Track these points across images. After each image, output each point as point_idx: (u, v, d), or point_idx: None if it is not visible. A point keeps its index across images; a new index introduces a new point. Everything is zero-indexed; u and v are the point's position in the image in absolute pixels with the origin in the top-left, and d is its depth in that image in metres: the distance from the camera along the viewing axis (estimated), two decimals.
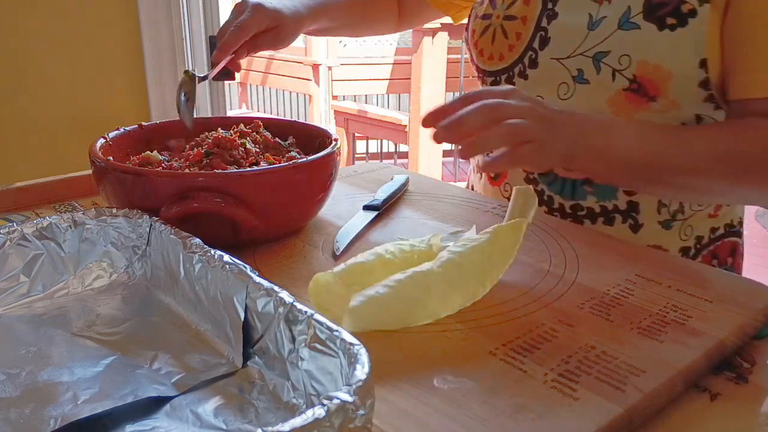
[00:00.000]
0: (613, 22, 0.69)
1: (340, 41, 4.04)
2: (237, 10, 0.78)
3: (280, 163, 0.67)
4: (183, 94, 0.72)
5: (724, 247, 0.80)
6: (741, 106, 0.67)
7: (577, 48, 0.72)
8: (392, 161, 4.11)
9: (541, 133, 0.58)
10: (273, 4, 0.79)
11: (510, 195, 0.86)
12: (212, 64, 0.76)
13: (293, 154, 0.71)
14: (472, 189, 0.94)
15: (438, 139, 0.58)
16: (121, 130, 0.72)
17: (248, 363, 0.45)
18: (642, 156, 0.64)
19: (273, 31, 0.79)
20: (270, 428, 0.30)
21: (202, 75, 0.75)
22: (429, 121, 0.60)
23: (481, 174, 0.90)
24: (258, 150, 0.70)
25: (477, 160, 0.92)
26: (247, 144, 0.69)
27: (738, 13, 0.64)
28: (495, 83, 0.80)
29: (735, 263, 0.82)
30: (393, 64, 3.97)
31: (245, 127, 0.74)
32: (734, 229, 0.81)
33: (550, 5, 0.75)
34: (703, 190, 0.69)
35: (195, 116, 0.75)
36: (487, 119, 0.57)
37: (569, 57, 0.73)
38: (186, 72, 0.73)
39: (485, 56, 0.81)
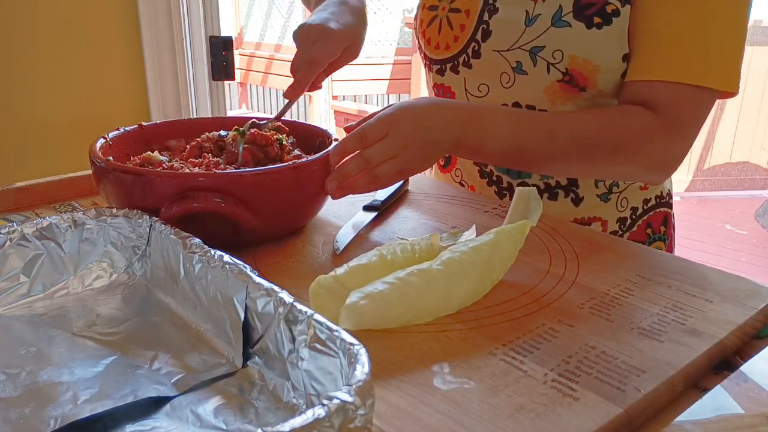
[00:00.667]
0: (547, 19, 0.74)
1: None
2: (304, 37, 0.76)
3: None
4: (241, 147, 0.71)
5: (656, 217, 0.87)
6: (629, 89, 0.73)
7: (516, 42, 0.77)
8: None
9: (403, 152, 0.65)
10: (338, 23, 0.78)
11: (461, 181, 0.91)
12: (288, 98, 0.76)
13: (297, 153, 0.71)
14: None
15: (334, 159, 0.65)
16: (121, 130, 0.72)
17: (248, 363, 0.45)
18: (511, 146, 0.71)
19: (346, 51, 0.79)
20: (270, 428, 0.30)
21: (264, 122, 0.74)
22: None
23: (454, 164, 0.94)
24: (292, 146, 0.72)
25: None
26: (282, 141, 0.70)
27: (641, 4, 0.70)
28: (441, 71, 0.86)
29: (668, 233, 0.90)
30: (393, 64, 3.97)
31: (240, 128, 0.74)
32: (664, 201, 0.88)
33: (491, 0, 0.79)
34: (565, 172, 0.78)
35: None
36: (357, 145, 0.65)
37: (509, 50, 0.77)
38: (237, 130, 0.71)
39: (432, 45, 0.86)
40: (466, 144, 0.69)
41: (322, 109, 3.91)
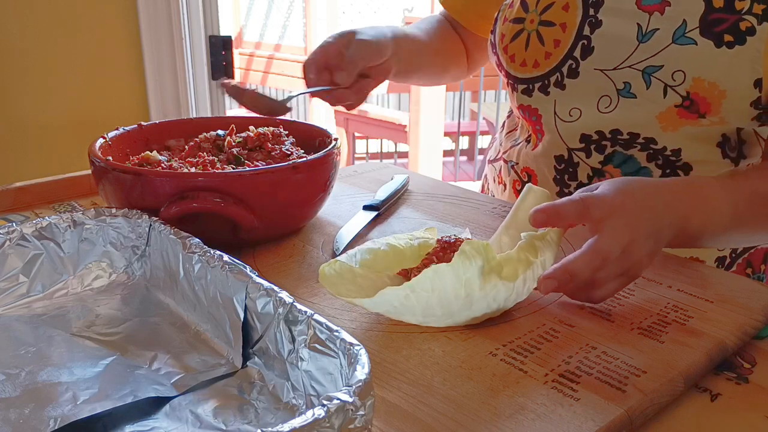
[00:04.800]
0: (667, 35, 0.65)
1: None
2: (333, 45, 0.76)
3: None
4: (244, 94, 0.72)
5: (757, 254, 0.80)
6: None
7: (626, 60, 0.68)
8: (392, 161, 4.11)
9: (633, 241, 0.52)
10: (372, 35, 0.76)
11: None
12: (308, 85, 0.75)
13: (300, 152, 0.71)
14: (487, 191, 0.94)
15: (535, 223, 0.53)
16: (121, 130, 0.72)
17: (248, 363, 0.45)
18: (732, 220, 0.60)
19: (379, 65, 0.77)
20: (270, 429, 0.30)
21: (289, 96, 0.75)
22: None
23: (504, 185, 0.87)
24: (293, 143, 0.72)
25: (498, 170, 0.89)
26: (287, 140, 0.71)
27: None
28: (528, 91, 0.76)
29: (764, 269, 0.81)
30: None
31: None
32: None
33: (592, 12, 0.70)
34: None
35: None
36: (576, 213, 0.53)
37: (616, 69, 0.69)
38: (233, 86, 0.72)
39: (517, 62, 0.77)
40: (691, 225, 0.57)
41: (322, 109, 3.90)
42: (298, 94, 0.77)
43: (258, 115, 0.79)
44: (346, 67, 0.76)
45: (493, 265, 0.48)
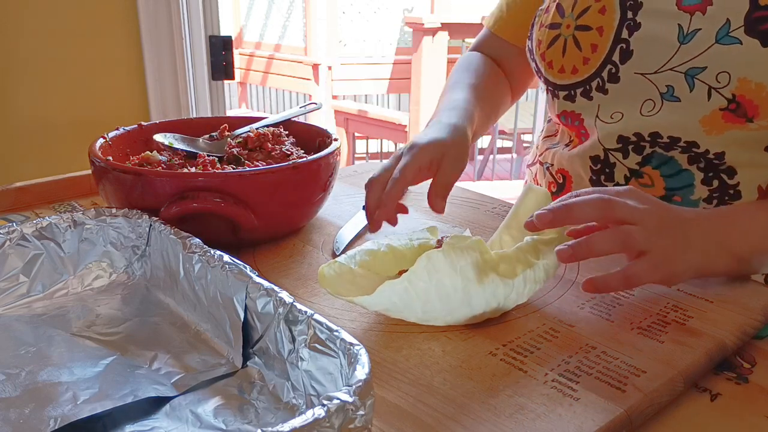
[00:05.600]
0: (710, 35, 0.63)
1: (340, 41, 4.05)
2: (397, 154, 0.68)
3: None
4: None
5: None
6: None
7: (667, 63, 0.65)
8: None
9: (658, 242, 0.53)
10: (431, 136, 0.68)
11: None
12: (368, 216, 0.65)
13: (300, 153, 0.71)
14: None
15: (542, 222, 0.53)
16: (121, 130, 0.72)
17: (248, 363, 0.45)
18: (762, 253, 0.59)
19: (445, 160, 0.66)
20: (270, 428, 0.30)
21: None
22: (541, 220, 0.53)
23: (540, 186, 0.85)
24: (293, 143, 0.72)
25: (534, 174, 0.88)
26: (287, 140, 0.71)
27: None
28: (570, 97, 0.74)
29: None
30: (393, 64, 3.97)
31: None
32: None
33: (630, 14, 0.68)
34: None
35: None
36: (598, 211, 0.53)
37: (657, 72, 0.66)
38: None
39: (555, 69, 0.75)
40: (722, 246, 0.56)
41: (322, 109, 3.90)
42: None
43: (257, 115, 0.80)
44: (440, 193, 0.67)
45: (487, 259, 0.49)
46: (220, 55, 1.63)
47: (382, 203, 0.63)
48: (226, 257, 0.48)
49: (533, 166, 0.89)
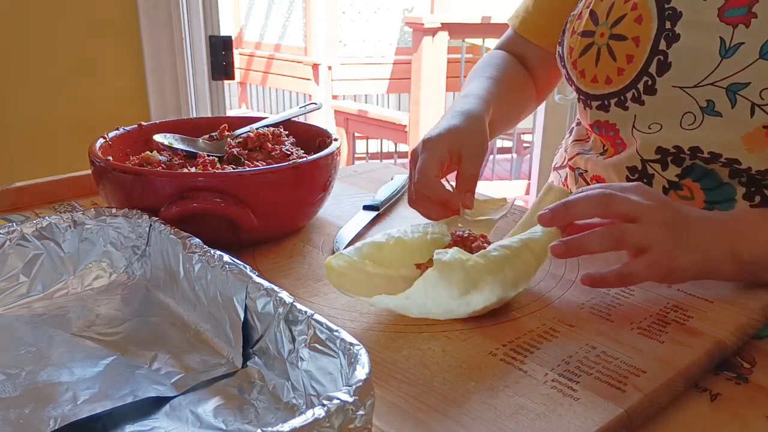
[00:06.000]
0: (754, 50, 0.60)
1: (340, 41, 4.04)
2: (413, 158, 0.66)
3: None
4: None
5: None
6: None
7: (707, 77, 0.63)
8: (392, 161, 4.11)
9: (659, 240, 0.52)
10: (443, 126, 0.65)
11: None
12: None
13: (300, 153, 0.71)
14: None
15: (542, 221, 0.53)
16: (121, 130, 0.72)
17: (248, 363, 0.45)
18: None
19: (465, 150, 0.64)
20: (270, 428, 0.30)
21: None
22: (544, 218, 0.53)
23: (571, 192, 0.80)
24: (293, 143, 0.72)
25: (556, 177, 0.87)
26: (287, 140, 0.71)
27: None
28: (604, 107, 0.71)
29: None
30: (393, 64, 3.97)
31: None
32: None
33: (668, 25, 0.65)
34: None
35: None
36: (597, 207, 0.53)
37: (696, 86, 0.64)
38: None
39: (587, 78, 0.72)
40: (723, 247, 0.55)
41: (321, 109, 3.90)
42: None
43: (257, 115, 0.80)
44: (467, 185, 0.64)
45: (476, 266, 0.49)
46: (220, 55, 1.63)
47: (435, 214, 0.61)
48: (226, 257, 0.48)
49: (562, 170, 0.87)
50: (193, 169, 0.64)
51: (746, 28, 0.60)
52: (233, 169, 0.65)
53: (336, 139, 0.69)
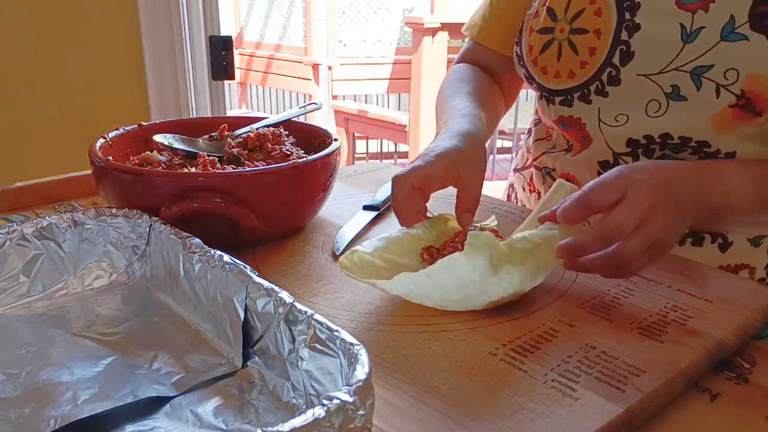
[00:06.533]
0: (715, 33, 0.62)
1: (340, 41, 4.05)
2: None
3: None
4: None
5: None
6: None
7: (671, 62, 0.65)
8: (392, 161, 4.11)
9: (653, 232, 0.52)
10: (445, 145, 0.63)
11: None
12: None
13: (300, 153, 0.71)
14: (515, 201, 0.92)
15: (562, 255, 0.53)
16: (121, 130, 0.72)
17: (248, 363, 0.45)
18: (757, 198, 0.61)
19: (465, 171, 0.62)
20: (270, 428, 0.30)
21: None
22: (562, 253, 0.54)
23: (538, 192, 0.85)
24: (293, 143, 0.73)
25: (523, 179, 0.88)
26: (287, 140, 0.71)
27: None
28: (567, 102, 0.73)
29: None
30: (393, 64, 3.97)
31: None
32: None
33: (628, 16, 0.67)
34: None
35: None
36: (585, 213, 0.53)
37: (661, 72, 0.66)
38: None
39: (550, 74, 0.74)
40: (711, 199, 0.58)
41: (321, 109, 3.90)
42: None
43: (257, 115, 0.80)
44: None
45: (501, 252, 0.50)
46: (220, 55, 1.63)
47: (395, 202, 0.59)
48: (226, 257, 0.48)
49: (524, 171, 0.88)
50: (193, 169, 0.64)
51: (705, 12, 0.63)
52: (233, 169, 0.65)
53: (336, 139, 0.69)
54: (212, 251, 0.49)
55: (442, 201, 0.77)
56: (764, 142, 0.66)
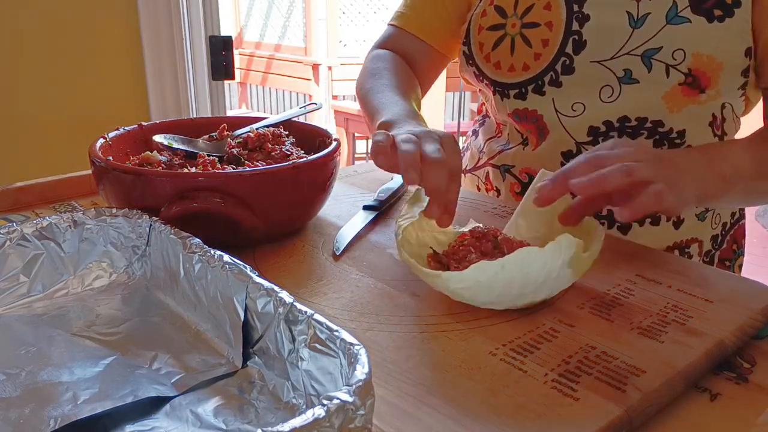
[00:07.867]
0: (660, 17, 0.68)
1: (340, 41, 4.05)
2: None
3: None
4: None
5: (740, 229, 0.83)
6: None
7: (622, 47, 0.70)
8: None
9: (663, 171, 0.54)
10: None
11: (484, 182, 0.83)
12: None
13: (300, 153, 0.71)
14: (495, 194, 0.91)
15: (541, 200, 0.54)
16: (121, 130, 0.72)
17: (248, 363, 0.45)
18: (757, 173, 0.64)
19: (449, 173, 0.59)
20: (270, 428, 0.30)
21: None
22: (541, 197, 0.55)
23: (497, 190, 0.86)
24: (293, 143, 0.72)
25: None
26: (287, 140, 0.71)
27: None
28: (521, 95, 0.76)
29: (743, 243, 0.86)
30: None
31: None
32: (742, 210, 0.84)
33: (576, 7, 0.72)
34: None
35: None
36: (592, 168, 0.54)
37: (613, 58, 0.70)
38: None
39: (504, 68, 0.76)
40: (718, 171, 0.60)
41: (321, 109, 3.91)
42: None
43: (257, 115, 0.80)
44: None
45: (577, 259, 0.50)
46: (220, 55, 1.63)
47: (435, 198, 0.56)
48: (226, 257, 0.48)
49: (479, 170, 0.88)
50: (193, 169, 0.64)
51: (649, 0, 0.68)
52: (233, 169, 0.65)
53: (336, 139, 0.69)
54: (212, 251, 0.49)
55: None
56: (703, 121, 0.72)
